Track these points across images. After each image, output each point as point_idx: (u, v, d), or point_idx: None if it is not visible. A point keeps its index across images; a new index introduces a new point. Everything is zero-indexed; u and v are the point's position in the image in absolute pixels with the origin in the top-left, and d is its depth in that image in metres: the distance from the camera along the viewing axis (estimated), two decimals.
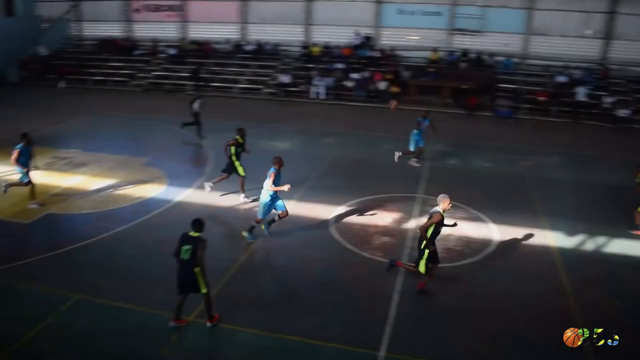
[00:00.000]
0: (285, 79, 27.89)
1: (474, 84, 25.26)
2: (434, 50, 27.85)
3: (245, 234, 11.23)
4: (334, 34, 29.92)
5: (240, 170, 13.29)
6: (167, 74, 29.84)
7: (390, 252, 10.81)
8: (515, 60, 27.87)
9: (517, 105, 24.89)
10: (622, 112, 23.51)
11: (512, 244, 11.61)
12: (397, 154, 16.71)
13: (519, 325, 8.70)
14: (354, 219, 12.59)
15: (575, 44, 27.82)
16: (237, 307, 8.81)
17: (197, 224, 7.94)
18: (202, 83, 28.13)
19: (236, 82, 28.94)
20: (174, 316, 8.18)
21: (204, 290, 7.97)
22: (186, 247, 7.80)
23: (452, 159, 17.74)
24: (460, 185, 14.86)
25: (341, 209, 13.01)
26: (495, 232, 12.09)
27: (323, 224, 12.22)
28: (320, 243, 11.32)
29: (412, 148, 16.55)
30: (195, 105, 18.80)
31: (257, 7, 31.43)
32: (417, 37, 28.92)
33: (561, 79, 26.12)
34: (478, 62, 27.42)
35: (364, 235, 11.76)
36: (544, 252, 11.35)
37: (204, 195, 13.57)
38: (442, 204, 9.08)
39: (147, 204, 13.04)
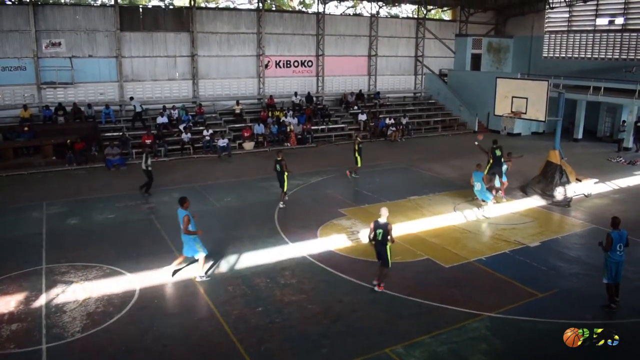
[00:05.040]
0: None
1: (77, 137, 24.18)
2: (24, 107, 25.54)
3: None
4: None
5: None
6: None
7: (25, 339, 9.42)
8: (115, 107, 27.98)
9: (126, 152, 24.98)
10: (221, 142, 26.22)
11: (156, 287, 11.60)
12: None
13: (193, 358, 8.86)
14: None
15: (168, 86, 29.84)
16: None
17: (384, 212, 11.02)
18: None
19: None
20: (378, 282, 11.37)
21: (389, 265, 11.23)
22: (379, 230, 10.88)
23: (71, 218, 16.54)
24: (87, 244, 14.16)
25: None
26: (135, 281, 11.86)
27: None
28: None
29: (504, 179, 18.30)
30: None
31: None
32: (0, 96, 26.00)
33: (161, 120, 27.45)
34: (77, 115, 26.41)
35: None
36: (187, 284, 11.78)
37: None
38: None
39: None
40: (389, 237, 10.90)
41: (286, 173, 17.42)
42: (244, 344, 9.34)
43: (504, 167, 18.40)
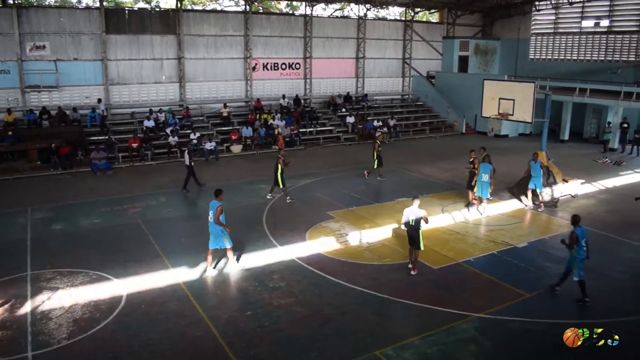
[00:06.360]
0: None
1: (62, 141, 23.90)
2: (8, 111, 25.23)
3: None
4: None
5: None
6: None
7: (10, 347, 9.29)
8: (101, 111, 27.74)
9: (112, 156, 24.76)
10: (209, 145, 26.09)
11: (143, 292, 11.47)
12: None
13: None
14: None
15: (155, 89, 29.67)
16: None
17: (415, 196, 12.38)
18: None
19: None
20: (413, 266, 12.44)
21: (422, 247, 12.24)
22: (412, 217, 11.97)
23: (57, 223, 16.33)
24: (74, 249, 14.00)
25: None
26: (122, 287, 11.73)
27: None
28: None
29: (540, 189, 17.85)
30: None
31: None
32: None
33: (148, 123, 27.25)
34: (62, 118, 26.13)
35: None
36: (174, 289, 11.67)
37: None
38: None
39: None
40: (422, 221, 12.08)
41: (278, 171, 18.23)
42: (233, 348, 9.27)
43: (539, 179, 17.87)
